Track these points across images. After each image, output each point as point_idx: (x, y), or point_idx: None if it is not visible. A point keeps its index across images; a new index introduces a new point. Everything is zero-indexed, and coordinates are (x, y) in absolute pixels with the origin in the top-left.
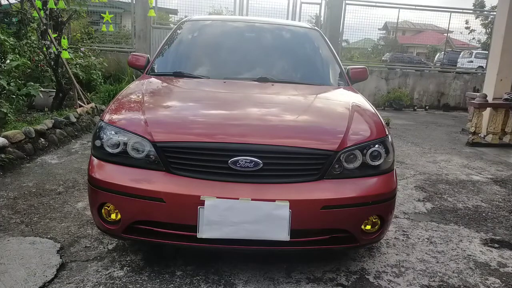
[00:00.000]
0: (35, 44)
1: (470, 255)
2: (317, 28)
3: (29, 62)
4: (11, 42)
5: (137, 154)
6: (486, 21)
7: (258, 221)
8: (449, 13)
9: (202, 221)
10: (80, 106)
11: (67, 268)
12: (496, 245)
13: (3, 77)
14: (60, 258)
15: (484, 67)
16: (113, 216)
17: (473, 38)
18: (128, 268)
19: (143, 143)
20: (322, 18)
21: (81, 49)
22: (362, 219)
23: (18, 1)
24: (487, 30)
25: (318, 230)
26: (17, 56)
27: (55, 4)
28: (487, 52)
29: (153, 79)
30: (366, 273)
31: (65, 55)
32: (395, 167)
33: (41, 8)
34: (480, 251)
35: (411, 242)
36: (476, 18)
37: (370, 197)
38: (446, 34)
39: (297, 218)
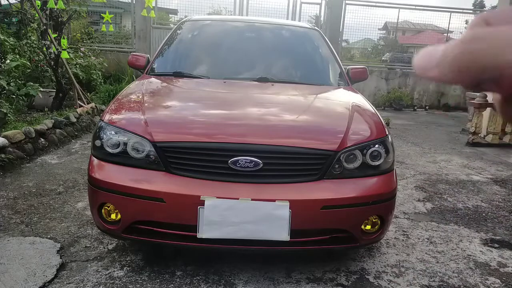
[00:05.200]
0: (35, 44)
1: (470, 255)
2: (317, 28)
3: (28, 63)
4: (11, 42)
5: (137, 154)
6: None
7: (258, 221)
8: (449, 13)
9: (202, 221)
10: (80, 106)
11: (67, 268)
12: (496, 245)
13: (3, 77)
14: (60, 258)
15: None
16: (113, 216)
17: None
18: (128, 268)
19: (143, 143)
20: (322, 18)
21: (81, 49)
22: (362, 219)
23: (18, 1)
24: None
25: (318, 230)
26: (17, 56)
27: (55, 4)
28: None
29: (153, 79)
30: (366, 273)
31: (64, 55)
32: (395, 167)
33: (40, 6)
34: (480, 251)
35: (411, 242)
36: None
37: (370, 197)
38: (446, 34)
39: (297, 218)
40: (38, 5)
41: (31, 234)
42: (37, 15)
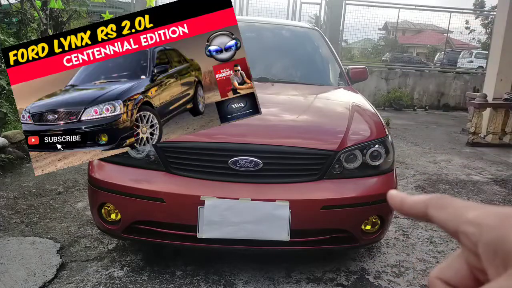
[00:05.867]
0: None
1: None
2: (317, 28)
3: None
4: (11, 42)
5: (137, 154)
6: (486, 21)
7: (258, 221)
8: (449, 13)
9: (202, 221)
10: None
11: (67, 268)
12: None
13: (3, 77)
14: (60, 258)
15: (484, 67)
16: (113, 216)
17: (473, 38)
18: (128, 268)
19: None
20: (322, 18)
21: None
22: (362, 219)
23: (18, 1)
24: (487, 30)
25: (318, 230)
26: None
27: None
28: (487, 52)
29: None
30: (366, 273)
31: None
32: (395, 167)
33: (40, 7)
34: None
35: (411, 242)
36: (476, 18)
37: (370, 197)
38: (446, 34)
39: (297, 218)
40: (38, 5)
41: (31, 234)
42: (37, 15)
